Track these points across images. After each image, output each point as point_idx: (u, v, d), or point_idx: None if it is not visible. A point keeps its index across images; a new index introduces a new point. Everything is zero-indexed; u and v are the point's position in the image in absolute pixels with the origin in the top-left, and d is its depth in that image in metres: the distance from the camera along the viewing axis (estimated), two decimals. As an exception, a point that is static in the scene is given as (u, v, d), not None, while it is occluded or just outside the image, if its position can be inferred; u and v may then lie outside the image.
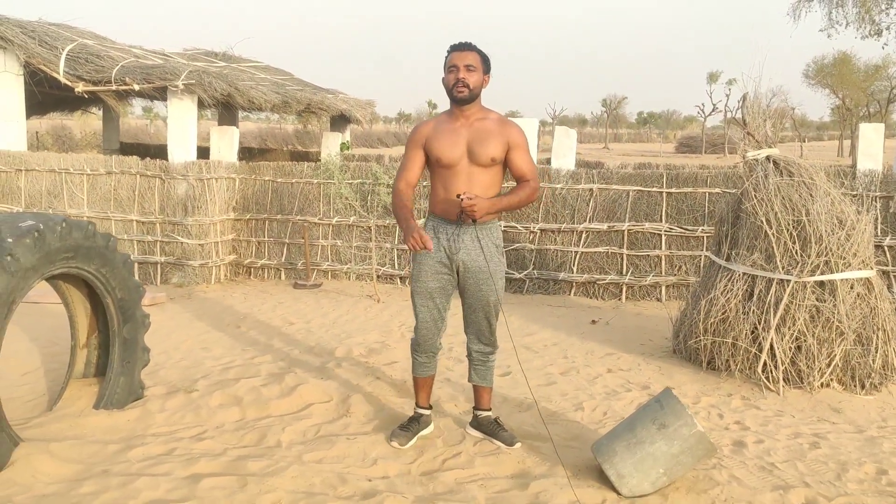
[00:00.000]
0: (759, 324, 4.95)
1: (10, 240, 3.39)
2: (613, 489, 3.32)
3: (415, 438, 3.77)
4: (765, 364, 4.88)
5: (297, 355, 5.39)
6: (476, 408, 3.93)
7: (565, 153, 10.29)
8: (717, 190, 7.94)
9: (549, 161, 10.33)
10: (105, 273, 4.02)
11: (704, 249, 7.95)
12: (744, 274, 5.12)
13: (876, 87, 43.34)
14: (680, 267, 8.04)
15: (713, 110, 52.99)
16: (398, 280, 8.59)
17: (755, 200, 5.10)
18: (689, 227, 7.98)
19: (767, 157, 5.28)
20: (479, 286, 3.57)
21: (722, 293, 5.15)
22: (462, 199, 3.28)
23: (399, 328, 6.38)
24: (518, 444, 3.73)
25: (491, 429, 3.83)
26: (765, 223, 5.04)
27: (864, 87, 42.39)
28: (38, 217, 3.63)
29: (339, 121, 12.47)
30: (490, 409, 3.91)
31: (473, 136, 3.45)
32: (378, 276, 8.42)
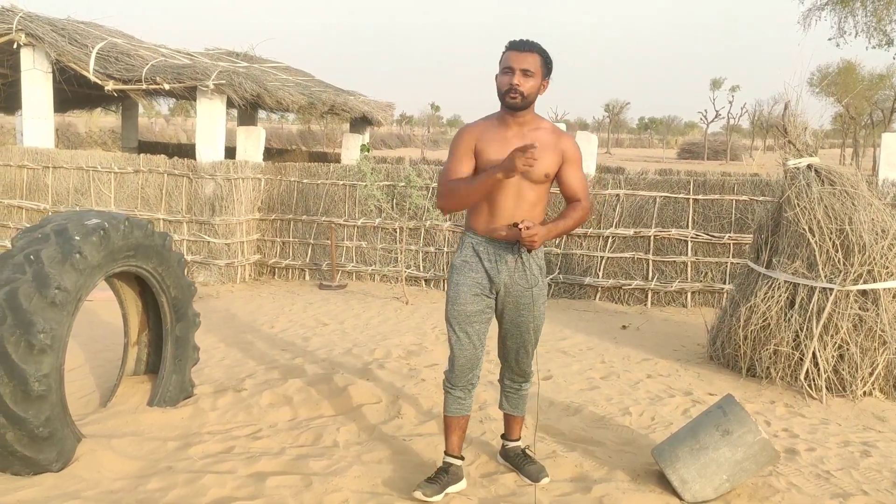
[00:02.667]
0: (802, 332, 4.98)
1: (77, 238, 3.42)
2: (675, 494, 3.34)
3: (443, 493, 3.23)
4: (807, 372, 4.90)
5: (336, 356, 5.41)
6: (505, 437, 3.61)
7: (586, 158, 10.32)
8: (745, 197, 7.97)
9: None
10: (161, 271, 4.05)
11: (731, 256, 7.99)
12: (785, 282, 5.15)
13: (880, 97, 43.45)
14: (706, 273, 8.07)
15: (716, 117, 53.10)
16: (423, 282, 8.62)
17: (798, 209, 5.13)
18: (716, 234, 8.01)
19: (809, 166, 5.31)
20: (520, 311, 3.22)
21: (762, 300, 5.18)
22: (521, 229, 2.91)
23: (433, 330, 6.40)
24: (546, 480, 3.40)
25: (518, 461, 3.51)
26: (807, 231, 5.07)
27: (868, 96, 42.51)
28: (103, 215, 3.65)
29: (359, 122, 12.50)
30: (520, 440, 3.60)
31: None
32: (405, 278, 8.44)
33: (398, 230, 8.54)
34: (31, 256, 3.32)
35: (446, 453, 3.37)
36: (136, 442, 3.68)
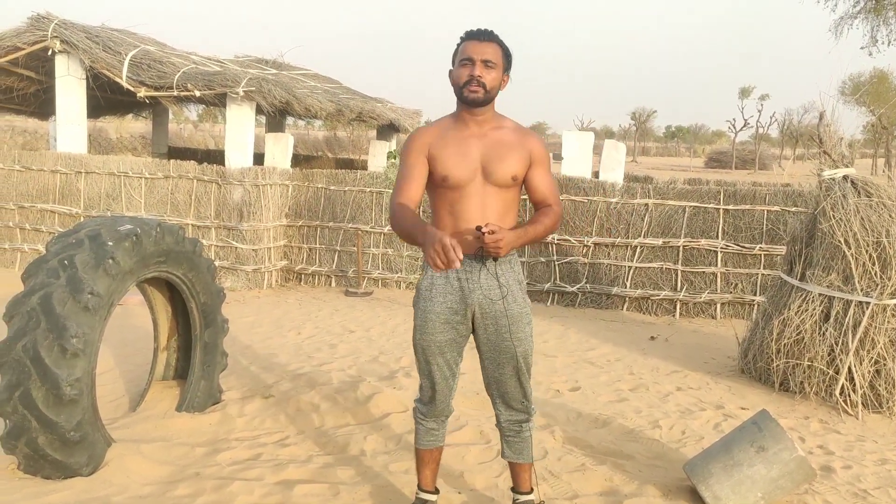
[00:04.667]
0: (837, 346, 4.88)
1: (110, 243, 3.45)
2: (708, 511, 3.27)
3: None
4: (843, 387, 4.80)
5: (363, 363, 5.40)
6: (514, 489, 3.06)
7: (614, 167, 10.26)
8: (777, 208, 7.85)
9: (596, 175, 10.31)
10: (191, 277, 4.07)
11: (762, 268, 7.88)
12: (820, 295, 5.05)
13: (914, 106, 42.70)
14: (736, 285, 7.95)
15: (744, 125, 52.55)
16: (449, 290, 8.60)
17: (833, 220, 5.04)
18: (747, 245, 7.90)
19: (844, 177, 5.21)
20: (501, 335, 2.77)
21: (796, 314, 5.09)
22: (483, 233, 2.53)
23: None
24: None
25: None
26: (843, 244, 4.97)
27: (901, 105, 41.80)
28: (135, 221, 3.68)
29: (387, 130, 12.54)
30: (532, 492, 3.05)
31: (489, 148, 2.72)
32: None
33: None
34: (66, 261, 3.36)
35: (420, 489, 3.06)
36: (164, 447, 3.70)
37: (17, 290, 3.40)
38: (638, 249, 8.16)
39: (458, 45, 2.75)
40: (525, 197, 2.86)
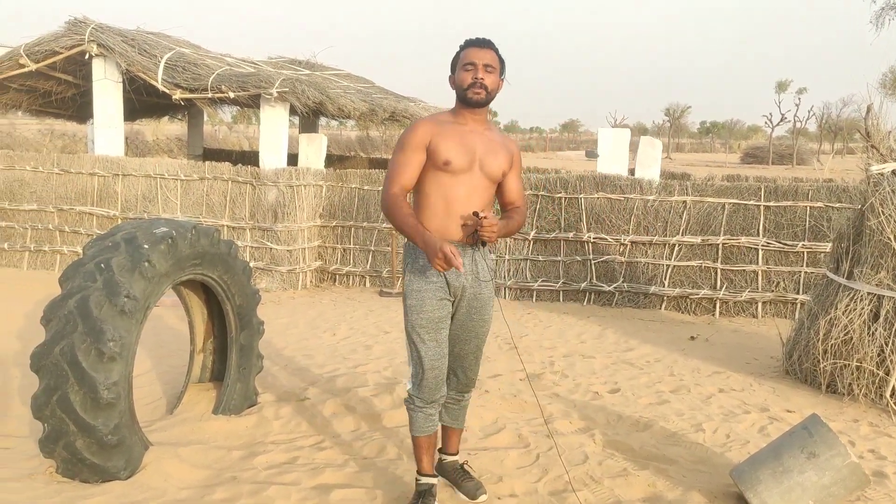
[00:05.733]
0: (887, 346, 4.70)
1: (146, 246, 3.44)
2: (757, 519, 3.16)
3: None
4: (893, 389, 4.63)
5: (398, 365, 5.35)
6: (442, 450, 3.37)
7: (650, 164, 10.09)
8: (820, 204, 7.64)
9: (632, 172, 10.15)
10: (227, 279, 4.05)
11: (805, 265, 7.67)
12: (868, 293, 4.87)
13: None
14: (778, 283, 7.76)
15: (781, 120, 51.55)
16: (484, 290, 8.53)
17: (882, 217, 4.86)
18: (789, 242, 7.70)
19: (894, 172, 5.02)
20: (472, 315, 3.05)
21: (844, 313, 4.92)
22: (480, 218, 2.81)
23: (494, 339, 6.29)
24: (483, 497, 3.24)
25: (455, 476, 3.32)
26: (893, 240, 4.79)
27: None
28: (171, 224, 3.67)
29: (418, 129, 12.47)
30: (457, 454, 3.39)
31: (485, 144, 2.97)
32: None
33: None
34: (102, 264, 3.36)
35: (421, 474, 3.16)
36: (201, 450, 3.68)
37: (57, 293, 3.41)
38: (676, 247, 8.00)
39: (459, 52, 3.00)
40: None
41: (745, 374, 5.53)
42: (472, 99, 2.93)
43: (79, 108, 10.67)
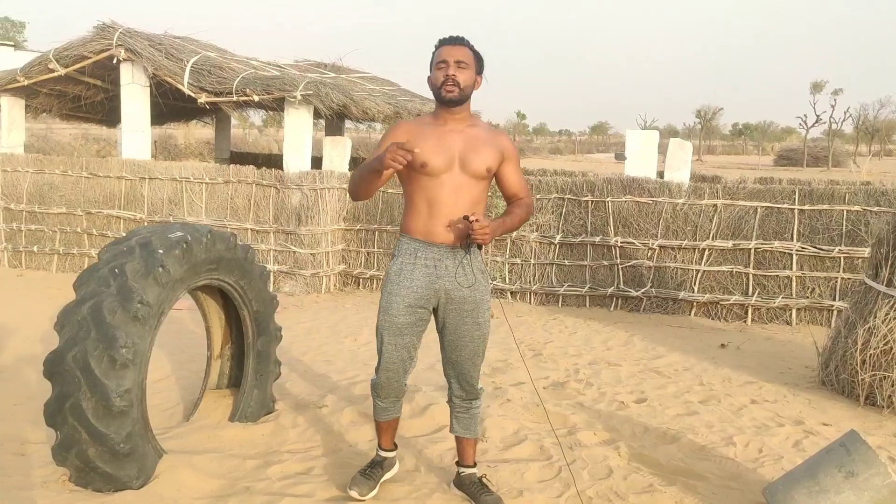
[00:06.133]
0: (930, 357, 4.49)
1: (161, 251, 3.38)
2: (791, 540, 3.00)
3: (377, 486, 3.28)
4: (936, 402, 4.41)
5: (419, 371, 5.25)
6: (459, 463, 3.34)
7: (680, 166, 9.89)
8: (857, 208, 7.39)
9: (661, 175, 9.96)
10: (243, 285, 3.99)
11: (841, 271, 7.43)
12: (910, 302, 4.66)
13: None
14: (813, 289, 7.52)
15: (816, 121, 50.60)
16: (509, 294, 8.40)
17: (924, 221, 4.65)
18: (825, 247, 7.46)
19: (937, 174, 4.80)
20: (463, 318, 3.00)
21: (884, 322, 4.71)
22: (472, 222, 2.76)
23: (519, 345, 6.17)
24: None
25: (473, 490, 3.23)
26: (936, 246, 4.58)
27: None
28: (186, 228, 3.61)
29: (444, 131, 12.39)
30: (475, 466, 3.33)
31: (466, 142, 2.93)
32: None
33: (483, 241, 8.34)
34: (116, 270, 3.31)
35: (380, 448, 3.39)
36: (216, 459, 3.62)
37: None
38: (706, 252, 7.80)
39: (434, 52, 2.96)
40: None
41: (778, 384, 5.33)
42: (445, 97, 2.89)
43: (108, 112, 10.76)
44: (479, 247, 2.94)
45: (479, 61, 2.98)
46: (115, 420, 3.14)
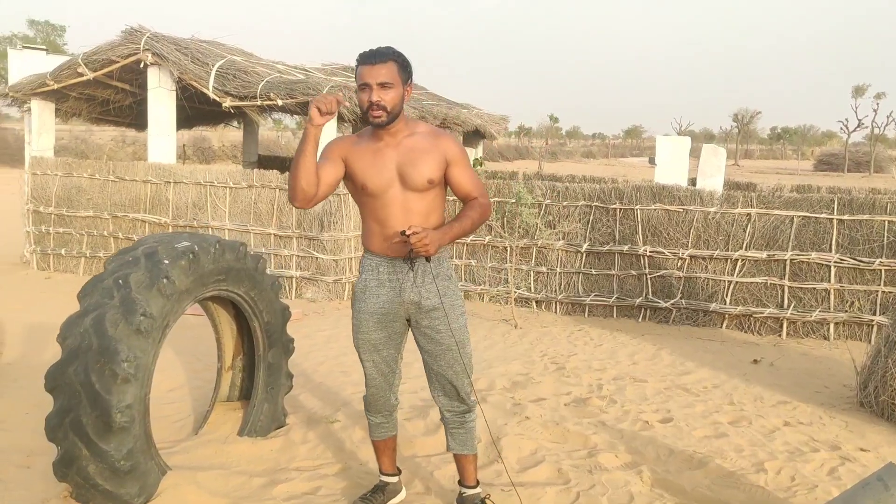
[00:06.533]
0: (977, 381, 4.22)
1: (166, 262, 3.29)
2: (824, 581, 2.79)
3: None
4: (984, 429, 4.14)
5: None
6: (461, 483, 3.22)
7: (713, 172, 9.63)
8: (900, 218, 7.07)
9: (693, 181, 9.70)
10: (253, 296, 3.88)
11: (882, 284, 7.11)
12: (956, 321, 4.40)
13: None
14: (852, 303, 7.21)
15: (858, 126, 49.48)
16: (534, 304, 8.21)
17: (973, 236, 4.37)
18: (865, 259, 7.15)
19: None
20: (436, 327, 2.92)
21: (927, 342, 4.45)
22: (409, 236, 2.68)
23: (542, 359, 5.99)
24: None
25: None
26: (985, 263, 4.30)
27: None
28: (194, 238, 3.52)
29: (472, 136, 12.25)
30: (478, 485, 3.20)
31: (403, 156, 2.82)
32: (514, 300, 8.07)
33: (508, 249, 8.18)
34: (120, 280, 3.22)
35: (382, 473, 3.31)
36: (222, 476, 3.51)
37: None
38: (739, 263, 7.54)
39: (356, 68, 2.81)
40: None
41: (814, 404, 5.08)
42: (373, 122, 2.80)
43: (137, 116, 10.81)
44: (427, 259, 2.84)
45: (405, 71, 2.82)
46: (115, 436, 3.05)
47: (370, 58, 2.76)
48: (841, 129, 50.10)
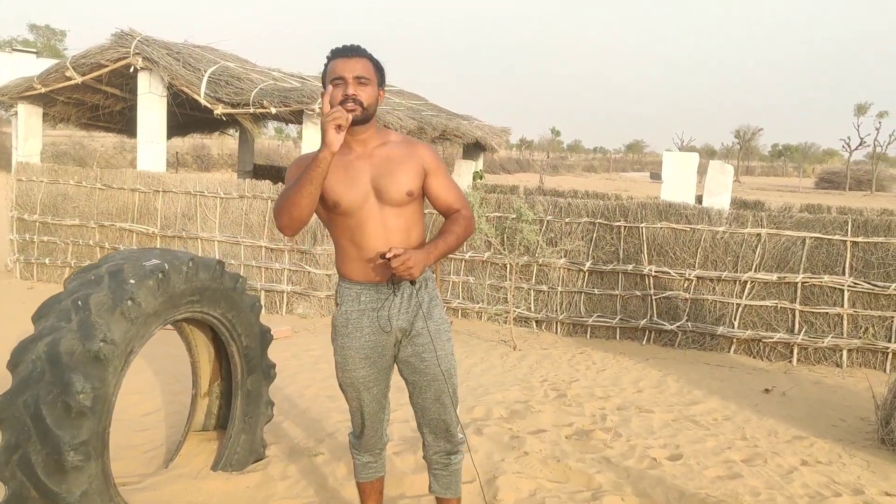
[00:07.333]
0: None
1: (132, 282, 2.98)
2: None
3: None
4: None
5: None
6: None
7: (720, 190, 9.35)
8: (917, 241, 6.77)
9: (699, 199, 9.41)
10: (231, 318, 3.57)
11: (899, 310, 6.80)
12: None
13: None
14: (867, 329, 6.90)
15: (860, 144, 49.36)
16: (534, 324, 7.89)
17: None
18: (880, 284, 6.84)
19: None
20: (422, 356, 2.63)
21: (957, 378, 4.13)
22: (390, 259, 2.42)
23: (541, 384, 5.67)
24: None
25: None
26: None
27: None
28: (165, 255, 3.21)
29: (473, 148, 11.97)
30: None
31: (378, 167, 2.55)
32: (513, 319, 7.75)
33: (508, 266, 7.88)
34: (79, 302, 2.91)
35: None
36: (189, 518, 3.19)
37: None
38: (748, 285, 7.23)
39: (326, 65, 2.55)
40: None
41: (831, 440, 4.76)
42: None
43: (128, 122, 10.52)
44: (412, 282, 2.55)
45: (380, 73, 2.58)
46: (67, 477, 2.72)
47: (346, 52, 2.52)
48: (843, 147, 49.98)
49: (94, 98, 9.58)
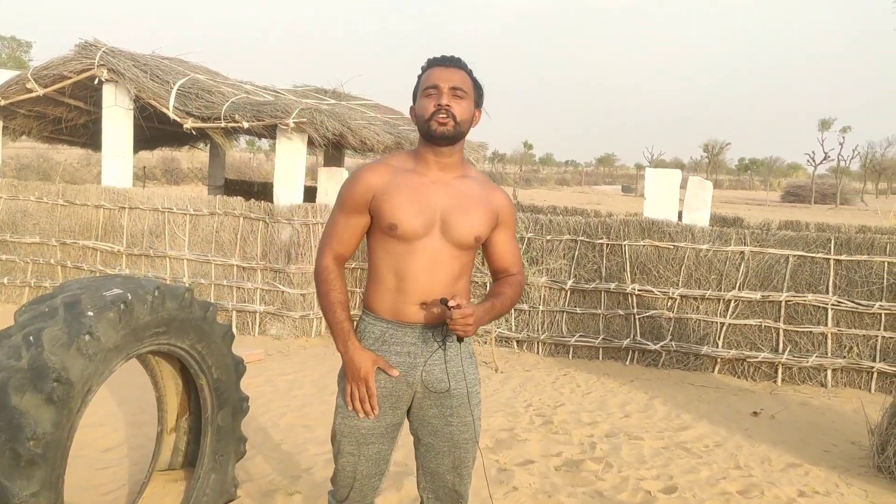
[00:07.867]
0: None
1: (90, 314, 2.72)
2: None
3: None
4: None
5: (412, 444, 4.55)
6: None
7: (699, 206, 9.26)
8: (901, 259, 6.71)
9: (679, 216, 9.32)
10: (201, 349, 3.31)
11: (882, 329, 6.73)
12: None
13: None
14: (850, 348, 6.81)
15: (825, 158, 50.31)
16: (515, 344, 7.70)
17: None
18: (864, 302, 6.77)
19: None
20: (448, 418, 2.33)
21: (957, 404, 4.01)
22: (450, 308, 2.13)
23: (526, 410, 5.47)
24: None
25: None
26: None
27: None
28: (128, 283, 2.95)
29: (448, 163, 11.78)
30: None
31: (453, 199, 2.28)
32: (494, 339, 7.55)
33: (487, 286, 7.67)
34: (31, 337, 2.63)
35: None
36: (153, 571, 2.92)
37: None
38: (732, 303, 7.12)
39: (420, 75, 2.30)
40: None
41: (826, 467, 4.62)
42: (435, 131, 2.21)
43: (92, 136, 10.15)
44: (460, 339, 2.27)
45: (478, 91, 2.33)
46: (15, 533, 2.45)
47: (444, 61, 2.27)
48: (808, 161, 50.88)
49: (57, 111, 9.22)
